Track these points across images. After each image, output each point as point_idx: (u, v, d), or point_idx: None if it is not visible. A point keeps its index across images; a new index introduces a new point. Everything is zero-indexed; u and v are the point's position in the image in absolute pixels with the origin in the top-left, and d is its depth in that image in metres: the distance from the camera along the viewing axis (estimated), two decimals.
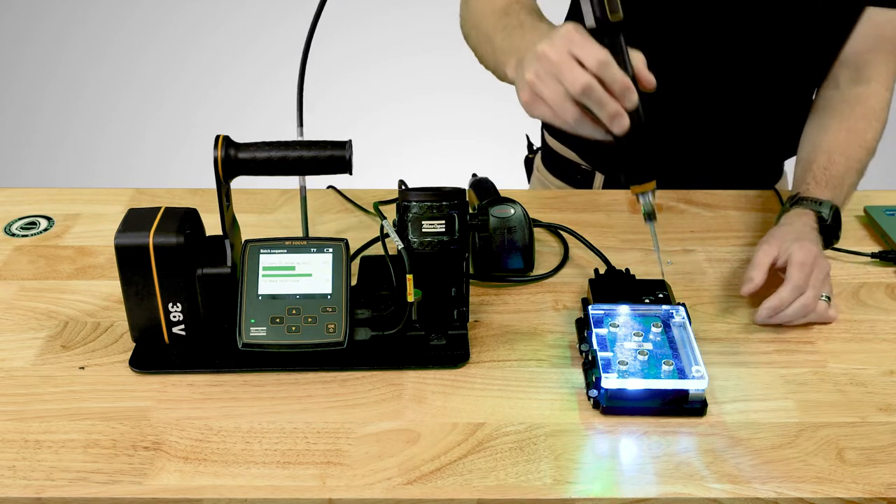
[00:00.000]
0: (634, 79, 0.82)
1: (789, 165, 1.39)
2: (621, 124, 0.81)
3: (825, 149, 1.12)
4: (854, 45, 1.17)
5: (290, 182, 1.23)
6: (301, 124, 0.98)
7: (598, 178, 1.35)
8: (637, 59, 0.83)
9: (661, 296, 0.96)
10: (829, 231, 1.05)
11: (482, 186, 1.16)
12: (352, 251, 1.04)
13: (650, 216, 0.85)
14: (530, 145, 1.48)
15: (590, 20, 0.82)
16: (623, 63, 0.81)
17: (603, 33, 0.81)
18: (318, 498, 0.76)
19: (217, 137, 0.87)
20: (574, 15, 1.31)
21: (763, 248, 0.99)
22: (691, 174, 1.30)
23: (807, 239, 1.00)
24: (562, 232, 1.14)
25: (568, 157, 1.37)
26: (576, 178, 1.37)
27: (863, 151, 1.13)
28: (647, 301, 0.95)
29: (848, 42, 1.17)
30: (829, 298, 0.97)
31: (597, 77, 0.80)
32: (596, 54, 0.79)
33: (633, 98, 0.81)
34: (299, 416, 0.84)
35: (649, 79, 0.83)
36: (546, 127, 1.43)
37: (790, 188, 1.17)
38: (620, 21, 0.81)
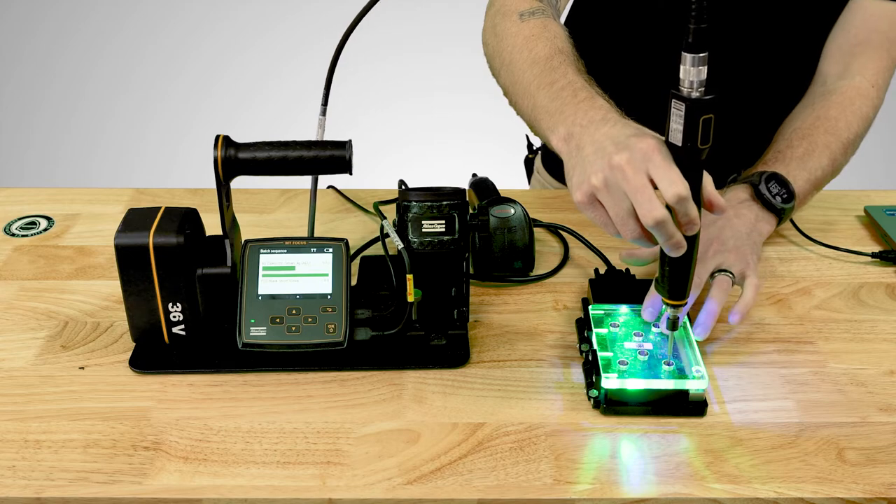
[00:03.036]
0: (700, 199, 0.78)
1: None
2: (678, 251, 0.78)
3: (786, 136, 1.09)
4: (846, 37, 1.14)
5: (290, 182, 1.24)
6: (325, 103, 0.97)
7: None
8: (707, 181, 0.79)
9: None
10: (765, 197, 1.00)
11: (482, 186, 1.16)
12: (352, 251, 1.04)
13: (673, 326, 0.86)
14: (530, 145, 1.47)
15: (677, 138, 0.76)
16: (697, 188, 0.77)
17: (686, 154, 0.76)
18: (318, 498, 0.76)
19: (217, 137, 0.87)
20: (578, 15, 1.31)
21: None
22: None
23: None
24: (562, 232, 1.14)
25: None
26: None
27: (830, 137, 1.07)
28: None
29: (840, 34, 1.14)
30: (731, 273, 0.93)
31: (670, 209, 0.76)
32: (677, 188, 0.74)
33: (696, 230, 0.77)
34: (299, 416, 0.84)
35: (721, 204, 0.79)
36: None
37: None
38: (710, 146, 0.76)
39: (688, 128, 0.74)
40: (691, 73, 0.73)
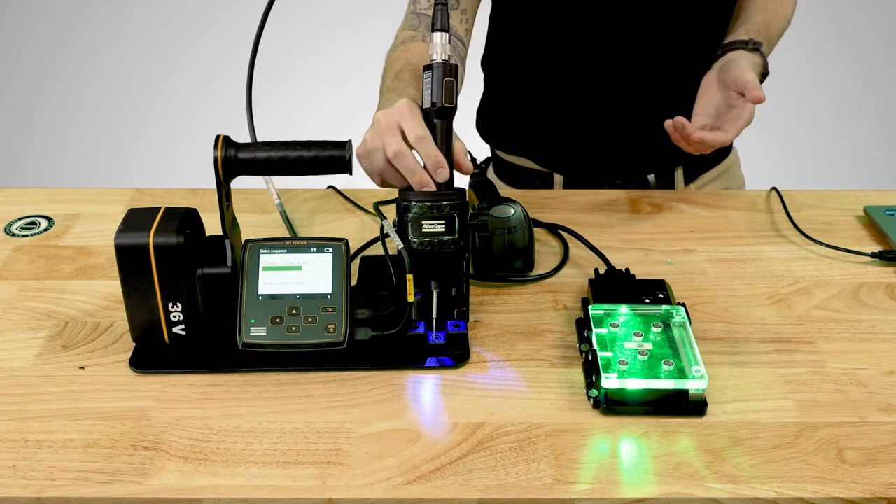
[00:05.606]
0: (452, 162, 0.92)
1: (738, 143, 1.40)
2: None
3: (751, 20, 1.21)
4: None
5: (290, 182, 1.24)
6: (251, 118, 1.05)
7: (558, 179, 1.35)
8: (458, 146, 0.93)
9: (661, 296, 0.96)
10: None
11: (482, 186, 1.16)
12: (352, 251, 1.04)
13: None
14: (473, 160, 1.47)
15: (427, 102, 0.91)
16: (445, 144, 0.91)
17: (435, 115, 0.90)
18: (318, 498, 0.76)
19: (217, 137, 0.88)
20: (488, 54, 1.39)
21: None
22: (642, 163, 1.31)
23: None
24: (562, 232, 1.14)
25: (522, 165, 1.37)
26: (534, 183, 1.37)
27: (781, 18, 1.24)
28: (647, 301, 0.95)
29: None
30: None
31: (413, 149, 0.90)
32: (416, 129, 0.89)
33: (444, 174, 0.90)
34: (299, 416, 0.84)
35: (467, 165, 0.93)
36: (492, 141, 1.43)
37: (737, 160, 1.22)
38: (453, 107, 0.90)
39: (434, 88, 0.89)
40: (437, 47, 0.89)
